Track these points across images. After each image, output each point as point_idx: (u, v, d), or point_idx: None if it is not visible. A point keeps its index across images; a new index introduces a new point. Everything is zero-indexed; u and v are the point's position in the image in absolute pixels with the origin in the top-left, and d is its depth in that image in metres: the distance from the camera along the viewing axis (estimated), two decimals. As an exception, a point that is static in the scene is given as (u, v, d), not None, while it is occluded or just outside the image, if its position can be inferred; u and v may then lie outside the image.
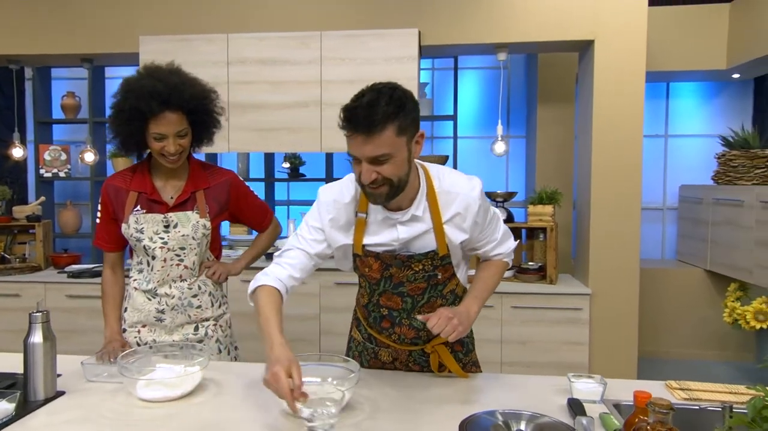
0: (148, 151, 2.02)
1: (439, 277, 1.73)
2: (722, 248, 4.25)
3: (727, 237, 4.17)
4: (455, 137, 4.64)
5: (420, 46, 3.75)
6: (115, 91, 1.95)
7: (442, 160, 4.59)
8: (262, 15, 3.83)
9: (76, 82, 5.07)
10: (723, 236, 4.23)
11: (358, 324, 1.96)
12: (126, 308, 2.11)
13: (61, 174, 4.73)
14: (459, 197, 1.67)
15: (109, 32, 3.92)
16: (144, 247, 1.98)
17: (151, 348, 1.86)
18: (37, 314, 1.65)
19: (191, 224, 1.99)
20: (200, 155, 3.89)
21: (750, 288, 4.01)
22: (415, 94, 3.63)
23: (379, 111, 1.46)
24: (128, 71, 4.85)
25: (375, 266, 1.71)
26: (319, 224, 1.72)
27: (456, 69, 4.60)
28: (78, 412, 1.56)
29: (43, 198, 4.38)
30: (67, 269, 4.07)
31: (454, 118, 4.59)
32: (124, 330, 2.09)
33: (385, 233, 1.68)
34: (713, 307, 4.51)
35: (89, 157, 4.06)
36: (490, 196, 3.96)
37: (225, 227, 4.40)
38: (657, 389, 1.78)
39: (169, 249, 1.98)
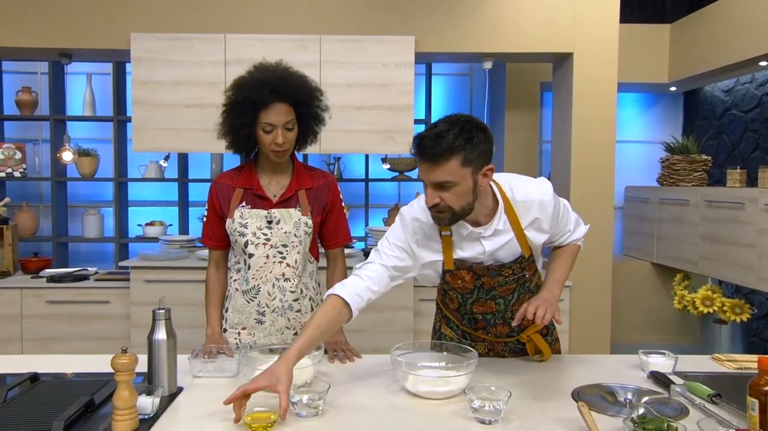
0: (254, 151, 2.08)
1: (527, 276, 1.89)
2: (668, 242, 4.73)
3: (673, 233, 4.65)
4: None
5: (415, 53, 3.90)
6: (227, 88, 2.00)
7: (413, 162, 4.79)
8: (260, 16, 3.84)
9: (29, 76, 4.80)
10: (669, 232, 4.71)
11: (447, 322, 2.05)
12: (227, 309, 2.13)
13: (16, 174, 4.47)
14: (534, 204, 1.81)
15: (96, 27, 3.77)
16: (245, 242, 2.01)
17: (251, 348, 1.86)
18: (161, 311, 1.67)
19: (293, 221, 2.03)
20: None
21: (692, 278, 4.54)
22: (410, 99, 3.85)
23: (445, 142, 1.58)
24: (98, 67, 4.66)
25: (467, 278, 1.83)
26: (402, 243, 1.81)
27: (430, 75, 4.82)
28: (214, 404, 1.58)
29: (8, 199, 4.11)
30: (44, 273, 3.87)
31: (427, 122, 4.80)
32: (225, 331, 2.12)
33: (472, 248, 1.80)
34: (659, 296, 5.00)
35: (68, 156, 3.88)
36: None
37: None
38: (706, 361, 2.06)
39: (272, 246, 2.02)
